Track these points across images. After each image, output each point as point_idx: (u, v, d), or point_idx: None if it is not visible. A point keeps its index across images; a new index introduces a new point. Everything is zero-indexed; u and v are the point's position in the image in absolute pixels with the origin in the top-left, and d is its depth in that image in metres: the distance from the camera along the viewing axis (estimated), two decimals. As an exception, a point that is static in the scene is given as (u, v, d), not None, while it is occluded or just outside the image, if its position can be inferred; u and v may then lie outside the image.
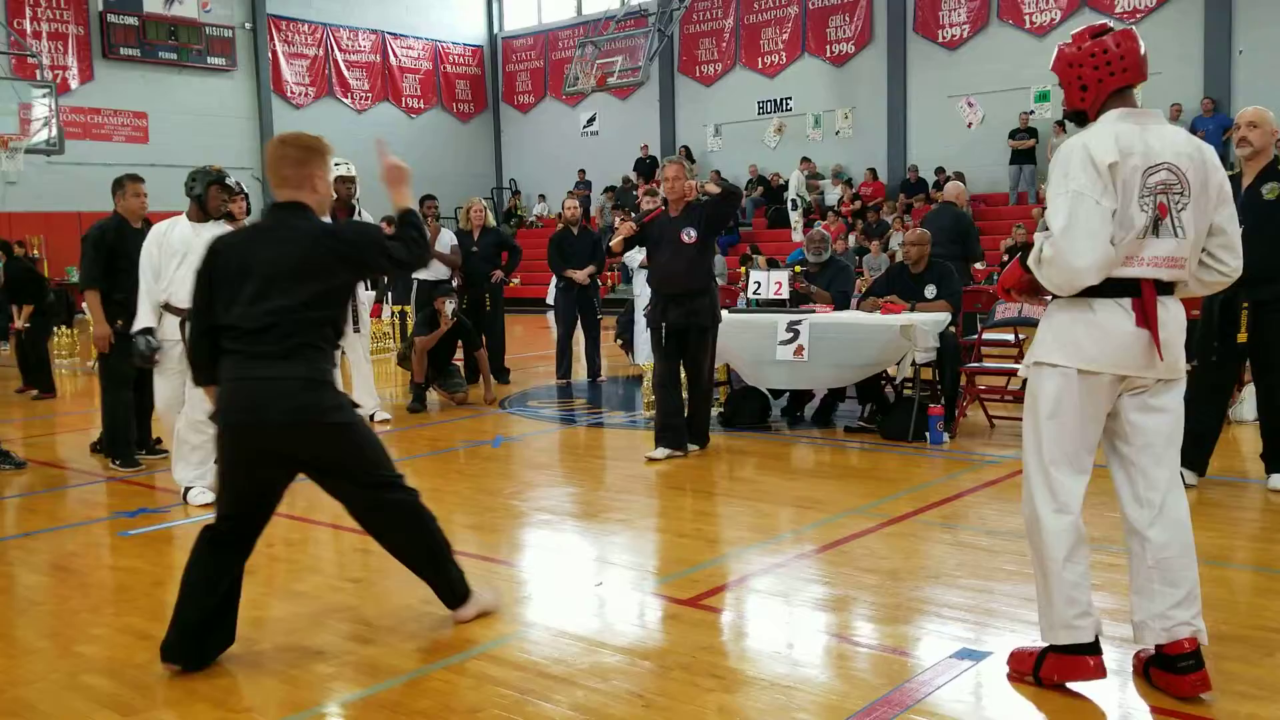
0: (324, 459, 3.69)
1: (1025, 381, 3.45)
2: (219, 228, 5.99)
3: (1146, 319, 3.16)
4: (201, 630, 3.67)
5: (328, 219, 3.87)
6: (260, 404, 3.54)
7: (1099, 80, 3.25)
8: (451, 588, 3.99)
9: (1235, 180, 5.69)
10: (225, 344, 3.62)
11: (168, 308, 6.16)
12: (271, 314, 3.54)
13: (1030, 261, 3.23)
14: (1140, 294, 3.17)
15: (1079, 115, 3.33)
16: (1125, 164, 3.10)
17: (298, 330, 3.56)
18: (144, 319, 6.18)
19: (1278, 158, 5.58)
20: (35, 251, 21.52)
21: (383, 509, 3.84)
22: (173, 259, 6.15)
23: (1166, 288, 3.23)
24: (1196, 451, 5.72)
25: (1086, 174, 3.10)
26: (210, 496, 5.80)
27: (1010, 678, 3.39)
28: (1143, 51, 3.26)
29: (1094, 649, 3.28)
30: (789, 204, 22.34)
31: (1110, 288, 3.17)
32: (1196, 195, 3.17)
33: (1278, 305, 5.47)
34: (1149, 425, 3.27)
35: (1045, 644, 3.35)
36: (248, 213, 7.91)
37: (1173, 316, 3.23)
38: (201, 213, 6.29)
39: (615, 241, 7.30)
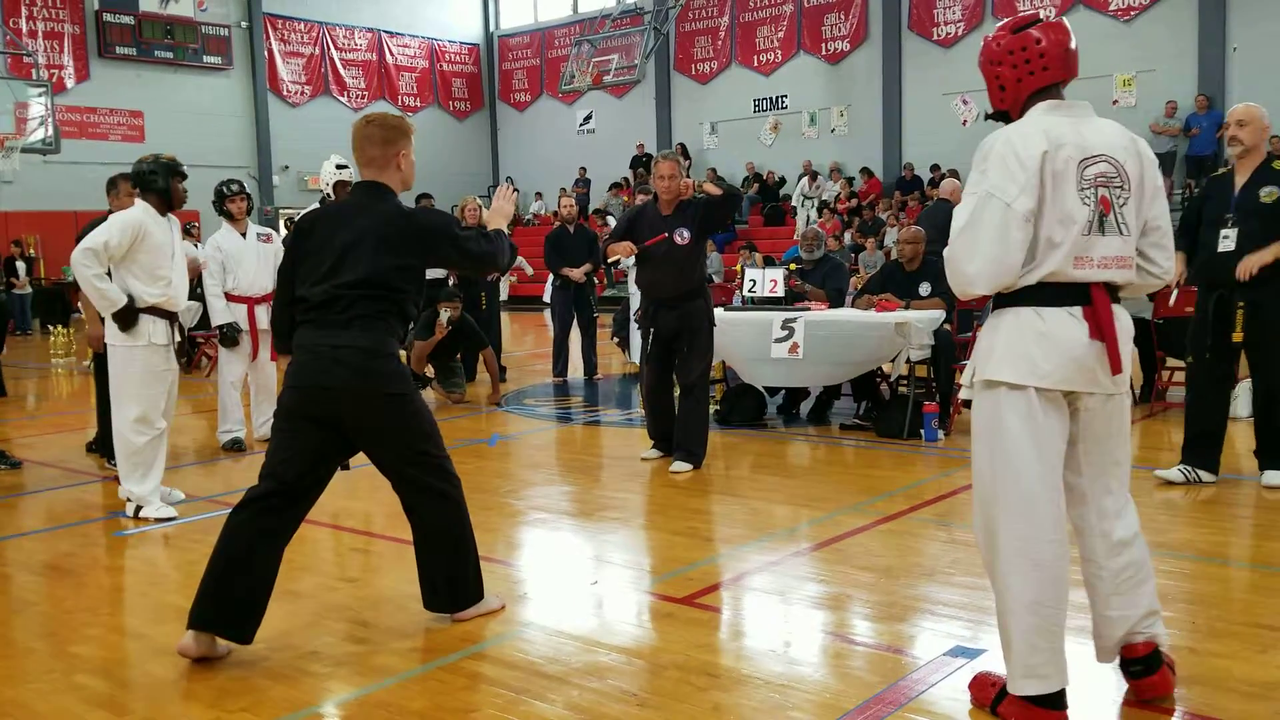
0: (378, 427, 3.76)
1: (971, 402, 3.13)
2: (174, 222, 5.89)
3: (1101, 330, 2.93)
4: (240, 600, 3.68)
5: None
6: (325, 369, 3.68)
7: (1018, 80, 3.06)
8: (461, 586, 3.99)
9: (1226, 179, 5.69)
10: (299, 315, 3.80)
11: (158, 310, 5.82)
12: (340, 287, 3.70)
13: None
14: (1091, 301, 2.94)
15: (1001, 115, 3.16)
16: (1057, 154, 2.90)
17: (362, 303, 3.70)
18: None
19: (1271, 156, 5.56)
20: (31, 251, 21.53)
21: (422, 489, 3.89)
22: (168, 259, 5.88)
23: (1114, 292, 3.03)
24: (1208, 452, 5.73)
25: (1004, 171, 2.90)
26: (169, 511, 5.78)
27: (973, 702, 3.19)
28: (1071, 46, 3.04)
29: (1058, 702, 2.97)
30: (799, 200, 22.36)
31: (1059, 294, 2.94)
32: (1135, 189, 3.00)
33: (1273, 305, 5.47)
34: (1093, 445, 3.05)
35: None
36: (247, 212, 7.95)
37: (1124, 327, 3.02)
38: (165, 206, 5.84)
39: (614, 261, 6.98)
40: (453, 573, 3.98)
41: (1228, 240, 5.51)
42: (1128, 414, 3.10)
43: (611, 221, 19.37)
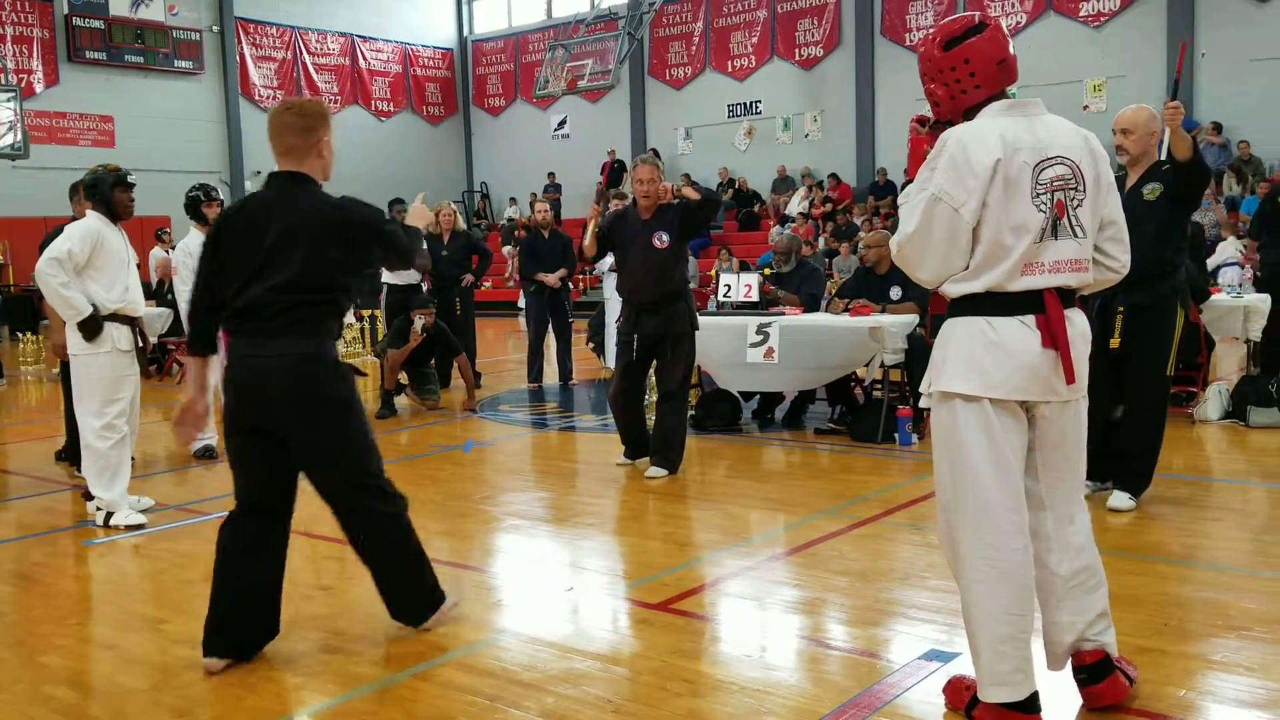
0: (315, 439, 3.63)
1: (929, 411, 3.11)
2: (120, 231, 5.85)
3: (1054, 338, 2.86)
4: (238, 620, 3.67)
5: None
6: (260, 379, 3.55)
7: (951, 98, 2.98)
8: (417, 602, 3.94)
9: (1119, 182, 5.56)
10: (229, 322, 3.63)
11: (120, 316, 5.80)
12: (271, 291, 3.53)
13: (890, 244, 3.04)
14: (1044, 309, 2.87)
15: (948, 123, 3.01)
16: (1012, 160, 2.81)
17: (297, 308, 3.55)
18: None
19: (1161, 161, 5.32)
20: (1, 257, 21.28)
21: (369, 515, 3.79)
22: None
23: (1069, 297, 2.96)
24: (1102, 460, 5.33)
25: (953, 175, 2.81)
26: (139, 518, 5.73)
27: (947, 705, 3.20)
28: (1002, 58, 2.92)
29: (1031, 706, 2.95)
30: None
31: (1009, 303, 2.87)
32: (1090, 189, 2.92)
33: (1153, 308, 5.21)
34: (1050, 451, 3.00)
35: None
36: None
37: (1080, 333, 2.95)
38: (112, 216, 5.81)
39: (588, 243, 6.75)
40: (405, 593, 3.93)
41: None
42: (1084, 419, 3.07)
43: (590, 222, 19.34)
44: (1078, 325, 2.95)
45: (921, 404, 3.14)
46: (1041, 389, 2.90)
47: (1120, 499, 5.31)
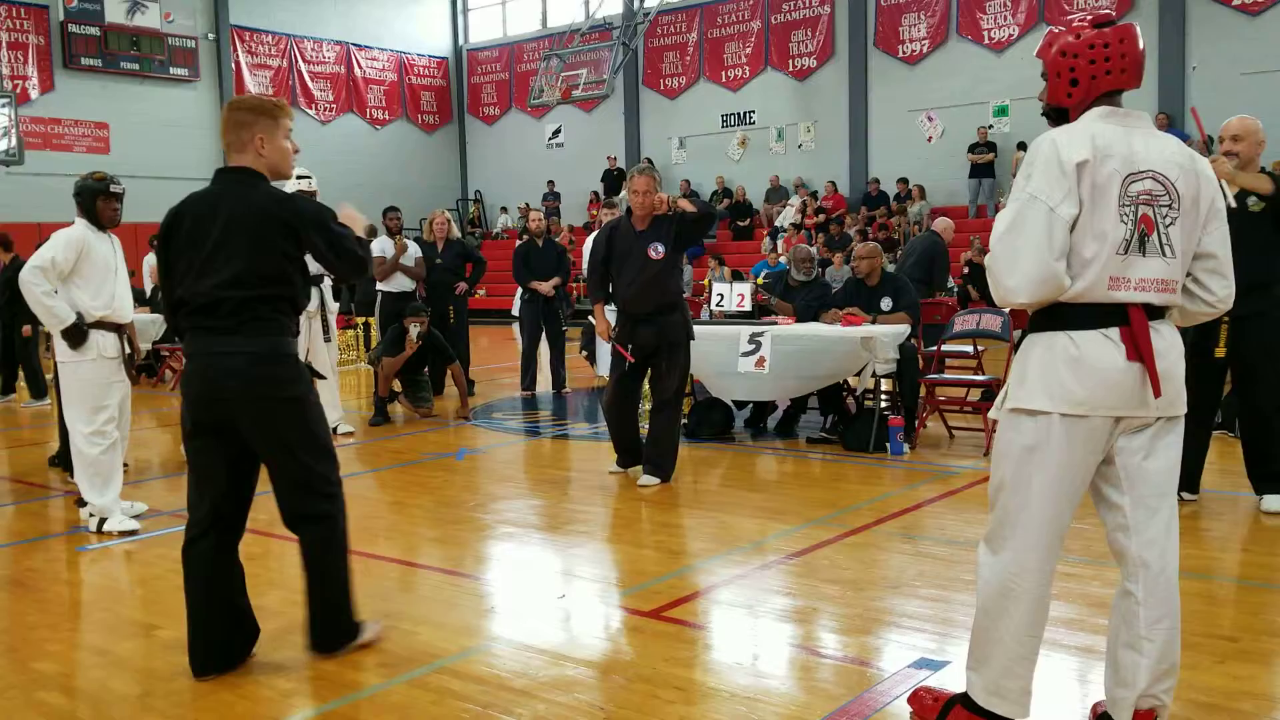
0: (274, 436, 3.61)
1: (997, 424, 3.01)
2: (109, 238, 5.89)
3: (1139, 351, 2.74)
4: (219, 635, 3.69)
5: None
6: (216, 378, 3.54)
7: (1092, 76, 2.85)
8: (338, 630, 3.85)
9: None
10: (184, 320, 3.62)
11: (106, 324, 5.81)
12: (220, 288, 3.52)
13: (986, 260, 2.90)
14: (1129, 322, 2.76)
15: (1059, 113, 2.94)
16: (1101, 166, 2.72)
17: (249, 304, 3.54)
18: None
19: (1264, 170, 5.43)
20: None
21: (311, 519, 3.73)
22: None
23: (1158, 312, 2.83)
24: (1188, 472, 5.52)
25: (1048, 175, 2.73)
26: (132, 524, 5.74)
27: (914, 716, 3.19)
28: (1142, 52, 2.88)
29: None
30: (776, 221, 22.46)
31: (1094, 316, 2.77)
32: (1186, 210, 2.79)
33: (1258, 319, 5.32)
34: (1145, 470, 2.86)
35: (958, 693, 3.08)
36: None
37: (1170, 344, 2.83)
38: (96, 224, 5.85)
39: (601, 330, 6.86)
40: (334, 608, 3.81)
41: None
42: (1179, 441, 2.91)
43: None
44: (1166, 337, 2.83)
45: (991, 414, 3.07)
46: (1127, 403, 2.79)
47: (1274, 501, 5.51)
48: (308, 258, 3.70)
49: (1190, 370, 2.99)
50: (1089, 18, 2.90)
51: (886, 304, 7.80)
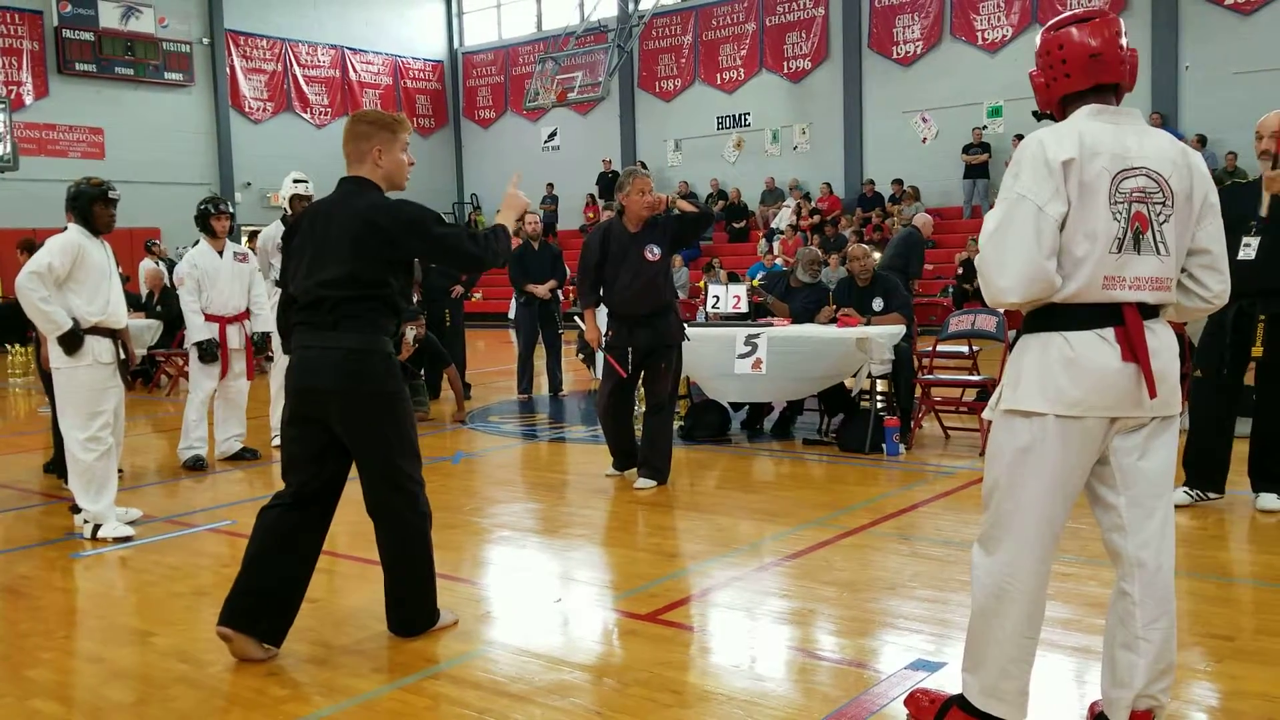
0: (365, 430, 3.79)
1: (991, 425, 2.99)
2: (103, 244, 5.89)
3: (1135, 352, 2.73)
4: (255, 584, 3.80)
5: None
6: (314, 371, 3.75)
7: (1045, 85, 2.90)
8: (419, 617, 4.03)
9: (1252, 187, 5.47)
10: (294, 315, 3.88)
11: (101, 329, 5.76)
12: (322, 286, 3.75)
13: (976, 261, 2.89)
14: (1123, 321, 2.75)
15: (1049, 115, 2.95)
16: (1089, 164, 2.70)
17: (347, 303, 3.74)
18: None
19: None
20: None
21: (393, 517, 3.92)
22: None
23: (1152, 311, 2.81)
24: (1213, 472, 5.54)
25: (1035, 174, 2.71)
26: (126, 530, 5.73)
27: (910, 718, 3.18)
28: (1095, 51, 2.81)
29: None
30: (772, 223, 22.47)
31: (1089, 317, 2.76)
32: (1180, 206, 2.78)
33: None
34: (1141, 470, 2.85)
35: (955, 694, 3.06)
36: (230, 230, 7.99)
37: (1165, 344, 2.81)
38: (91, 229, 5.82)
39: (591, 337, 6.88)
40: (407, 603, 4.02)
41: (1249, 249, 5.24)
42: (1174, 442, 2.91)
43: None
44: (1160, 337, 2.81)
45: (985, 414, 3.07)
46: (1123, 404, 2.77)
47: (1270, 500, 5.50)
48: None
49: (1227, 367, 2.91)
50: (1064, 17, 2.91)
51: (878, 304, 7.81)
